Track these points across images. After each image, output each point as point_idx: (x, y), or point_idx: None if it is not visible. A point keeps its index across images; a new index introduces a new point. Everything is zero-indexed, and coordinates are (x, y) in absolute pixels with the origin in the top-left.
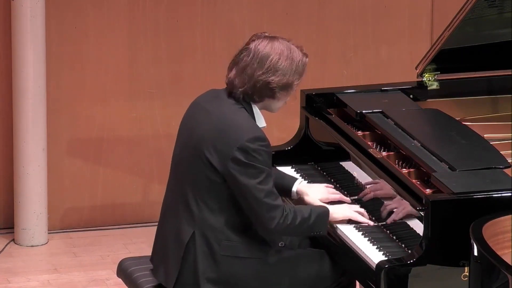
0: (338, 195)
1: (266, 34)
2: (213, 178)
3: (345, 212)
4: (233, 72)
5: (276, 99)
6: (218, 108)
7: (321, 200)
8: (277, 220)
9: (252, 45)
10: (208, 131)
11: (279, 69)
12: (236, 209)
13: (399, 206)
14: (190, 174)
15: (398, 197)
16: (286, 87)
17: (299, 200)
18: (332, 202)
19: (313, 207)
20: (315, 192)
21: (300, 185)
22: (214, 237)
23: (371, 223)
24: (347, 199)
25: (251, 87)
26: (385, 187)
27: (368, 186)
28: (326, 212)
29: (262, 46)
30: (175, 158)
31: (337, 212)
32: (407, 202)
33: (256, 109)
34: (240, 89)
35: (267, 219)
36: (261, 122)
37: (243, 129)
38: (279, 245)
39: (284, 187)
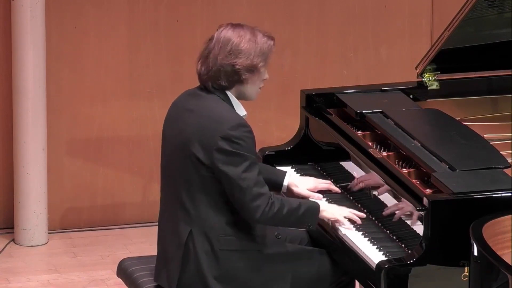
0: (326, 184)
1: (231, 23)
2: (203, 174)
3: (335, 213)
4: (200, 63)
5: (245, 83)
6: (197, 104)
7: (309, 190)
8: (262, 208)
9: (216, 34)
10: (192, 129)
11: (241, 51)
12: (230, 202)
13: (402, 205)
14: (181, 174)
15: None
16: (252, 69)
17: (289, 193)
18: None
19: (302, 200)
20: (304, 183)
21: (291, 178)
22: (211, 233)
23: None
24: (336, 188)
25: (215, 71)
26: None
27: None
28: (316, 206)
29: (225, 33)
30: (164, 161)
31: (327, 210)
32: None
33: (233, 98)
34: (205, 76)
35: (253, 207)
36: (240, 110)
37: (224, 119)
38: (276, 235)
39: (274, 182)
